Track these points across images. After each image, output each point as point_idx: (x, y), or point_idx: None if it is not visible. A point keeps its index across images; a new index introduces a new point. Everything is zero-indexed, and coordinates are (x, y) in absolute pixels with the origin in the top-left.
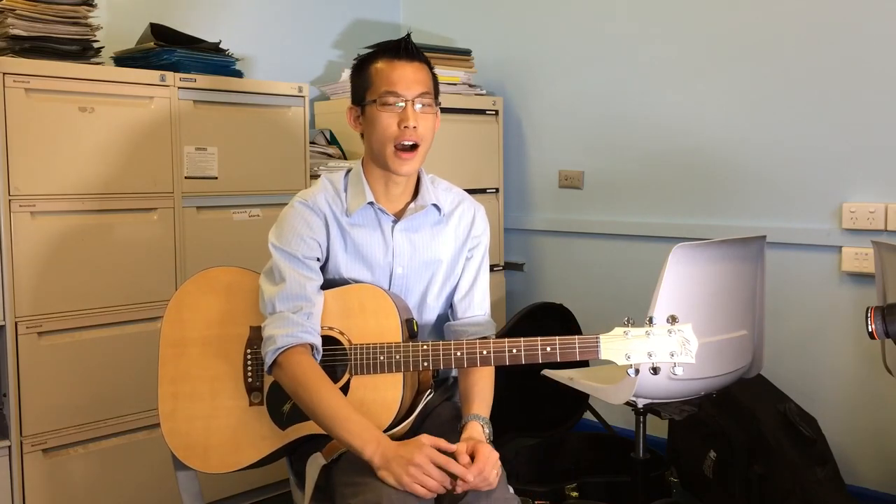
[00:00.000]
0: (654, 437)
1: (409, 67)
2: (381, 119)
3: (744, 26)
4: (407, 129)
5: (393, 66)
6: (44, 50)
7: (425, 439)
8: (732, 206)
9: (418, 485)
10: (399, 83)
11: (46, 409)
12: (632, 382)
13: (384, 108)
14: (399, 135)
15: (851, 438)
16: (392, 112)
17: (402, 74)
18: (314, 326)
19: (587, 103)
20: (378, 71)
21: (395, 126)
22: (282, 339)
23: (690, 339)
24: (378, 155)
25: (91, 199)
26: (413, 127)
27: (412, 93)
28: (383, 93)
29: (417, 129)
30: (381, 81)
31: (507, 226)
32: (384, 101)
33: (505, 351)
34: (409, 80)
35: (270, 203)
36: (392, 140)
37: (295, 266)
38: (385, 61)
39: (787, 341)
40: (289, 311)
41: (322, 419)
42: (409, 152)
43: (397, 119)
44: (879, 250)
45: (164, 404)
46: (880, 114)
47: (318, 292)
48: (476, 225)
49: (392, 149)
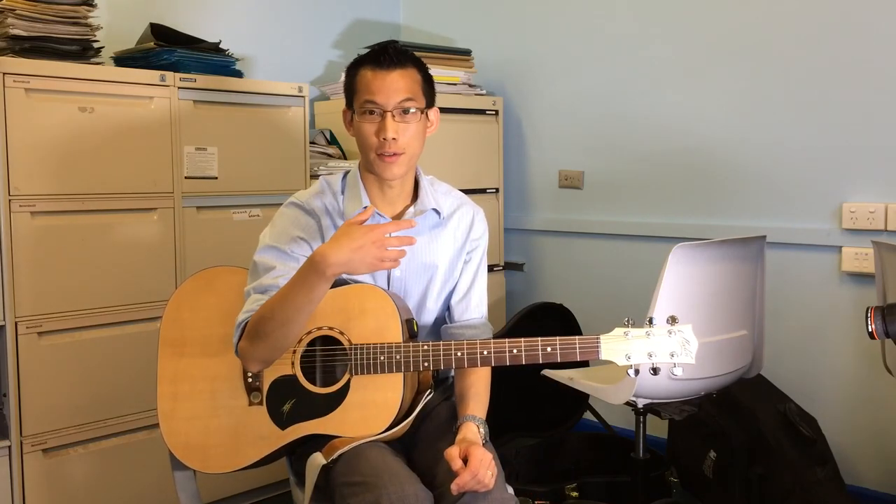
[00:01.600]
0: (654, 437)
1: (389, 76)
2: (363, 128)
3: (743, 26)
4: (385, 141)
5: (374, 75)
6: (44, 50)
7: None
8: (732, 206)
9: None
10: (378, 93)
11: (46, 409)
12: (632, 382)
13: (363, 117)
14: (379, 145)
15: (851, 438)
16: (371, 122)
17: (381, 84)
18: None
19: (587, 103)
20: (362, 78)
21: (373, 136)
22: (243, 315)
23: (690, 340)
24: (366, 161)
25: (91, 199)
26: (392, 138)
27: (391, 102)
28: (363, 101)
29: (397, 140)
30: (363, 90)
31: (506, 226)
32: (363, 109)
33: (505, 351)
34: (389, 89)
35: (270, 203)
36: (373, 149)
37: (280, 259)
38: (368, 69)
39: (787, 341)
40: (258, 294)
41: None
42: (392, 157)
43: (376, 129)
44: (879, 250)
45: (163, 404)
46: (880, 114)
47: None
48: (475, 228)
49: (375, 155)
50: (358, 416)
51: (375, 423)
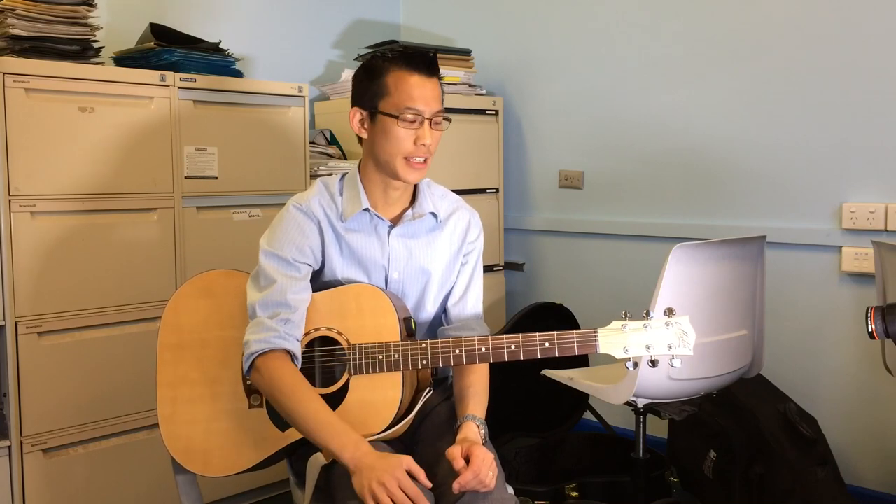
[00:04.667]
0: (654, 437)
1: (429, 84)
2: (397, 133)
3: (744, 26)
4: (422, 147)
5: (416, 82)
6: (44, 50)
7: (405, 461)
8: (732, 206)
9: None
10: (420, 101)
11: (46, 409)
12: (632, 381)
13: (404, 123)
14: (413, 151)
15: (851, 438)
16: (409, 128)
17: (423, 92)
18: (291, 332)
19: (587, 103)
20: (399, 82)
21: (410, 142)
22: (255, 344)
23: (688, 332)
24: (385, 164)
25: (91, 199)
26: (428, 144)
27: (431, 111)
28: (404, 108)
29: (431, 146)
30: (402, 95)
31: (506, 226)
32: (404, 116)
33: (503, 347)
34: (429, 97)
35: (270, 203)
36: (404, 154)
37: (283, 269)
38: (407, 73)
39: (787, 341)
40: (266, 317)
41: (301, 423)
42: (421, 163)
43: (414, 136)
44: (879, 250)
45: (163, 408)
46: (880, 114)
47: (301, 298)
48: (471, 231)
49: (402, 160)
50: (358, 415)
51: (375, 422)
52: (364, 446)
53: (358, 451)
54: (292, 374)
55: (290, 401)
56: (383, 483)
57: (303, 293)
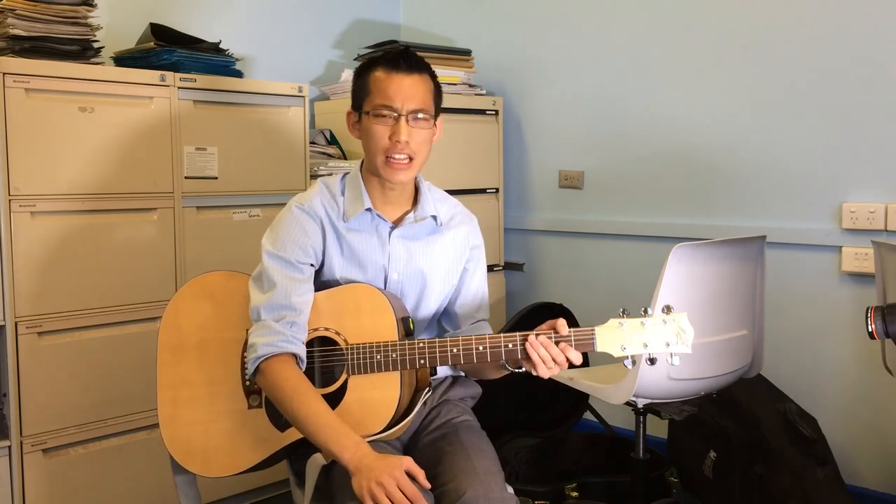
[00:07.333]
0: (654, 437)
1: (406, 80)
2: (375, 130)
3: (744, 26)
4: (398, 143)
5: (391, 78)
6: (44, 50)
7: (405, 462)
8: (732, 206)
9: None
10: (395, 97)
11: (46, 409)
12: (632, 381)
13: (377, 119)
14: (390, 147)
15: (851, 438)
16: (385, 124)
17: (398, 88)
18: (296, 335)
19: (587, 103)
20: (376, 80)
21: (386, 138)
22: (262, 347)
23: (686, 329)
24: (370, 163)
25: (91, 199)
26: (405, 141)
27: (407, 107)
28: (378, 104)
29: (409, 143)
30: (378, 92)
31: (506, 226)
32: (378, 112)
33: (501, 346)
34: (405, 94)
35: (270, 203)
36: (383, 151)
37: (287, 271)
38: (384, 71)
39: (787, 341)
40: (272, 320)
41: (303, 425)
42: (400, 163)
43: (389, 131)
44: (879, 250)
45: (163, 410)
46: (880, 114)
47: (305, 300)
48: (471, 237)
49: (384, 158)
50: (356, 415)
51: (374, 421)
52: (364, 447)
53: (358, 451)
54: (297, 376)
55: (293, 402)
56: (382, 483)
57: (306, 295)
